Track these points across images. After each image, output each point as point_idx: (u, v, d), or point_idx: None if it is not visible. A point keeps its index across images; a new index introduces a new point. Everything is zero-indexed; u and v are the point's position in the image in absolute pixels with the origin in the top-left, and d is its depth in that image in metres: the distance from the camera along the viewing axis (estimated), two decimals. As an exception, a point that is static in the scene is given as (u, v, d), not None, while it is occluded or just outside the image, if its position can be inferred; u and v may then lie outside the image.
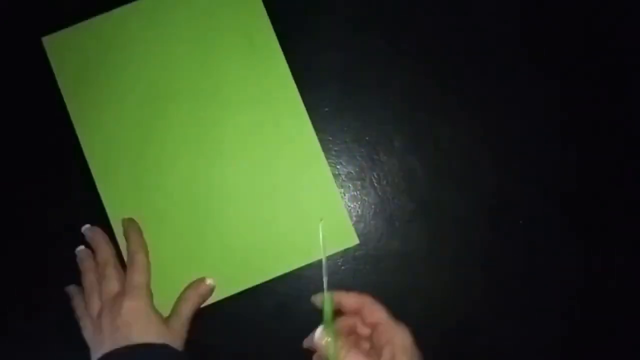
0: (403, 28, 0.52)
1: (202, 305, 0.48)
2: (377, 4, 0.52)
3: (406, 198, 0.50)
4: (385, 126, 0.51)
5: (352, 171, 0.51)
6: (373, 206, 0.51)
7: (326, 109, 0.51)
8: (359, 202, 0.51)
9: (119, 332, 0.43)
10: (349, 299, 0.42)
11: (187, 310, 0.46)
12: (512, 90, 0.51)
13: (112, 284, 0.46)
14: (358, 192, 0.51)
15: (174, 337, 0.44)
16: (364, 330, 0.42)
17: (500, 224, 0.50)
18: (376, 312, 0.41)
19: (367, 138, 0.51)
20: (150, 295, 0.46)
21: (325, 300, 0.41)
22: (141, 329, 0.43)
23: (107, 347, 0.42)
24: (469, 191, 0.50)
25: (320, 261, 0.48)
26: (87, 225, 0.49)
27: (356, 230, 0.50)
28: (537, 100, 0.51)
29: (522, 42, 0.52)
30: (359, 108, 0.51)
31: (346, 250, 0.49)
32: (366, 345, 0.42)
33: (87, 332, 0.45)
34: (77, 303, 0.47)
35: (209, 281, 0.48)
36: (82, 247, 0.48)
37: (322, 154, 0.49)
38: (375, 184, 0.51)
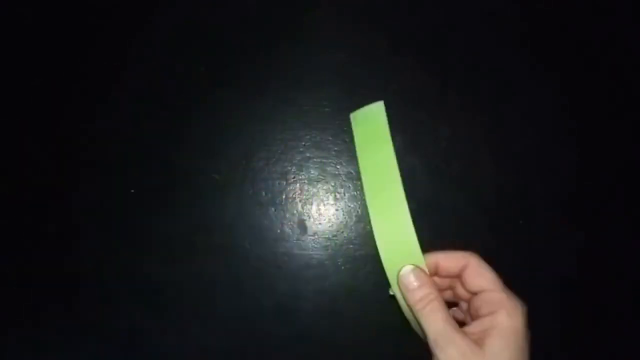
0: (403, 28, 0.52)
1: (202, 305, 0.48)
2: (377, 4, 0.52)
3: (406, 198, 0.50)
4: (385, 126, 0.51)
5: (352, 171, 0.51)
6: (373, 206, 0.51)
7: (326, 109, 0.51)
8: (359, 202, 0.51)
9: None
10: (448, 260, 0.34)
11: None
12: (512, 90, 0.51)
13: None
14: (358, 192, 0.51)
15: None
16: (463, 294, 0.34)
17: (500, 224, 0.50)
18: (484, 276, 0.32)
19: (367, 138, 0.51)
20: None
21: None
22: None
23: None
24: (469, 191, 0.50)
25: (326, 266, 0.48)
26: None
27: (356, 230, 0.50)
28: (537, 100, 0.51)
29: (522, 42, 0.52)
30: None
31: (346, 250, 0.49)
32: (459, 315, 0.35)
33: None
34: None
35: None
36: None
37: None
38: (375, 184, 0.51)
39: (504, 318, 0.31)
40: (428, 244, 0.50)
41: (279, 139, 0.49)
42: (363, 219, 0.50)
